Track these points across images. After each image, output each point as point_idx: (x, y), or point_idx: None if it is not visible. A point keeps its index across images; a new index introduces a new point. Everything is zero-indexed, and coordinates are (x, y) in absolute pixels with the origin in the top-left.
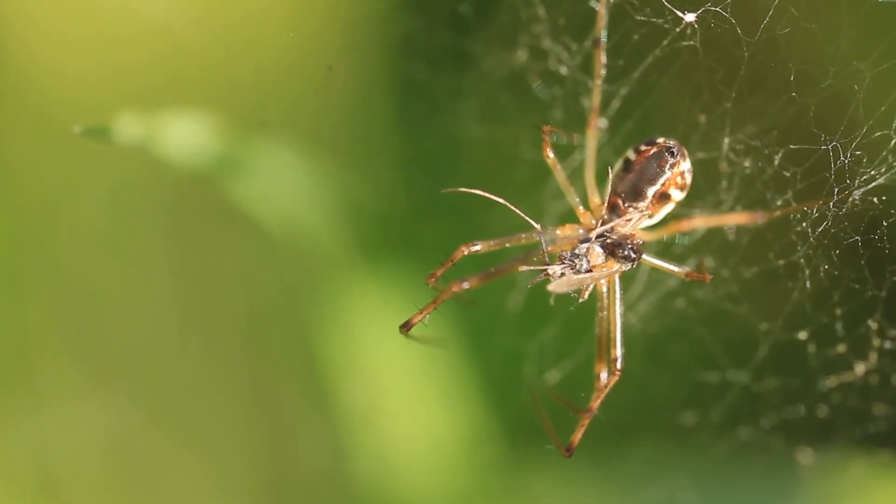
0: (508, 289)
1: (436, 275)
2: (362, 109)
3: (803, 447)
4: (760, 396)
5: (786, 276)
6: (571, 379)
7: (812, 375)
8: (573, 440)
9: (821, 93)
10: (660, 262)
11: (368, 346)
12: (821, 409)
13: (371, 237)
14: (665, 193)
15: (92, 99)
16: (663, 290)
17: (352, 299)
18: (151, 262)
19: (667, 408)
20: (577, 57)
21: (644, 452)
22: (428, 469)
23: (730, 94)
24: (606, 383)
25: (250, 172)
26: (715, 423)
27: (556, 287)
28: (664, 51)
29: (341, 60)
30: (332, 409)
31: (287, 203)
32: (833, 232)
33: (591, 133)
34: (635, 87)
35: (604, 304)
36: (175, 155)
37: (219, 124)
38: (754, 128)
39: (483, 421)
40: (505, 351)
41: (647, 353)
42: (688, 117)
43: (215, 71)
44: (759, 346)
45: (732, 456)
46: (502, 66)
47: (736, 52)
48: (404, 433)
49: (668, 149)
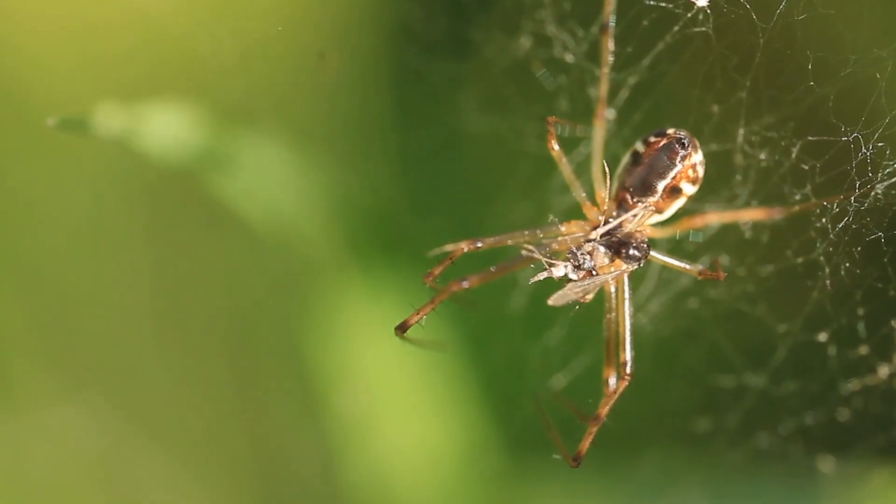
0: (511, 288)
1: (434, 274)
2: (355, 100)
3: (824, 455)
4: (778, 401)
5: (805, 274)
6: (578, 384)
7: (833, 379)
8: (580, 449)
9: (840, 81)
10: (671, 260)
11: (361, 350)
12: (842, 414)
13: (364, 235)
14: (676, 187)
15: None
16: (675, 290)
17: (343, 301)
18: (131, 262)
19: (679, 414)
20: (584, 44)
21: (655, 462)
22: (424, 481)
23: (744, 83)
24: (615, 389)
25: (236, 167)
26: (730, 429)
27: (557, 300)
28: (675, 37)
29: (333, 47)
30: (323, 416)
31: (275, 199)
32: (854, 228)
33: (599, 124)
34: (645, 76)
35: (612, 305)
36: (156, 148)
37: (202, 116)
38: (770, 118)
39: (484, 429)
40: (507, 354)
41: (659, 357)
42: (700, 107)
43: (199, 59)
44: (777, 349)
45: (749, 464)
46: (504, 54)
47: (751, 38)
48: (399, 443)
49: (679, 140)
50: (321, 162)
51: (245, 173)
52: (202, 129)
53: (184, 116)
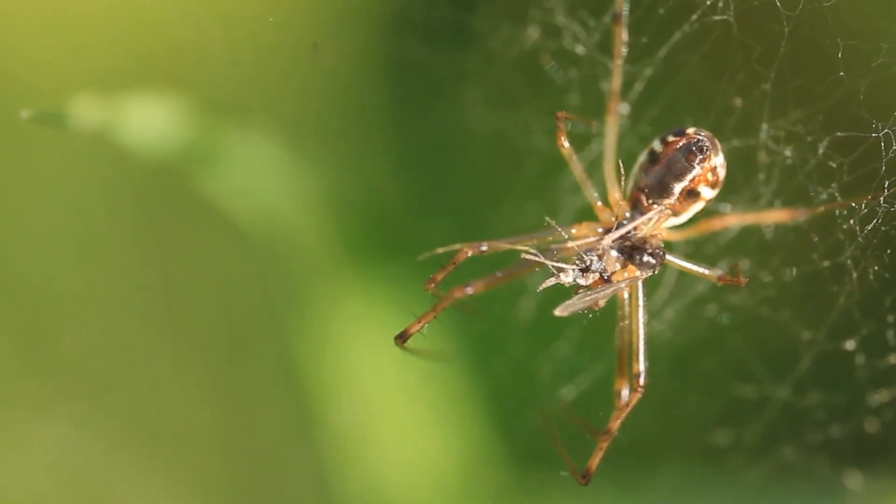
0: (518, 295)
1: (436, 279)
2: (351, 93)
3: (851, 470)
4: (802, 413)
5: (831, 279)
6: (588, 396)
7: (860, 389)
8: (590, 465)
9: (872, 73)
10: (689, 265)
11: (358, 359)
12: (870, 427)
13: (361, 238)
14: (694, 190)
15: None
16: (693, 296)
17: (339, 307)
18: (113, 264)
19: (697, 427)
20: (596, 34)
21: (671, 478)
22: (425, 498)
23: (768, 75)
24: (628, 401)
25: (224, 163)
26: (751, 443)
27: (564, 310)
28: (693, 26)
29: (328, 37)
30: (318, 429)
31: (266, 199)
32: (884, 230)
33: (612, 120)
34: (661, 68)
35: (625, 313)
36: (140, 143)
37: (189, 109)
38: (797, 112)
39: (487, 443)
40: (513, 365)
41: (675, 367)
42: (721, 101)
43: (185, 49)
44: (802, 357)
45: (771, 481)
46: (511, 45)
47: (775, 26)
48: (398, 457)
49: (699, 142)
50: (315, 159)
51: (234, 170)
52: (188, 122)
53: (168, 109)
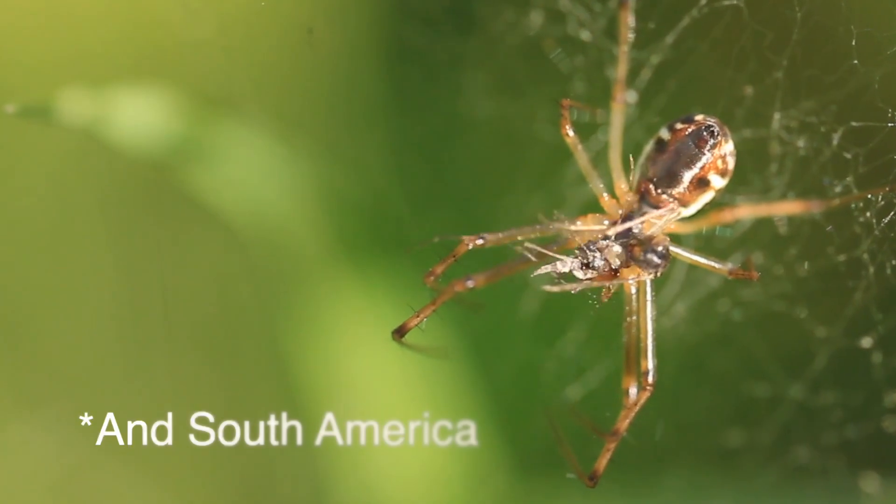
0: (521, 290)
1: (435, 273)
2: (347, 81)
3: (867, 472)
4: (818, 413)
5: (847, 273)
6: (595, 396)
7: (877, 389)
8: (597, 467)
9: (888, 61)
10: (699, 259)
11: (354, 358)
12: (888, 426)
13: (357, 232)
14: (704, 179)
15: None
16: (703, 291)
17: (334, 302)
18: (100, 262)
19: (708, 427)
20: (602, 20)
21: (681, 481)
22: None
23: (780, 63)
24: (636, 400)
25: (214, 156)
26: (764, 444)
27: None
28: (702, 11)
29: (323, 22)
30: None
31: (258, 193)
32: None
33: (618, 108)
34: (669, 55)
35: (633, 308)
36: (126, 137)
37: (177, 100)
38: (810, 102)
39: (490, 446)
40: (517, 363)
41: (685, 365)
42: (731, 90)
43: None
44: (817, 355)
45: (785, 482)
46: (513, 31)
47: (787, 12)
48: (396, 461)
49: (708, 128)
50: (309, 150)
51: (225, 163)
52: (177, 115)
53: (156, 101)
